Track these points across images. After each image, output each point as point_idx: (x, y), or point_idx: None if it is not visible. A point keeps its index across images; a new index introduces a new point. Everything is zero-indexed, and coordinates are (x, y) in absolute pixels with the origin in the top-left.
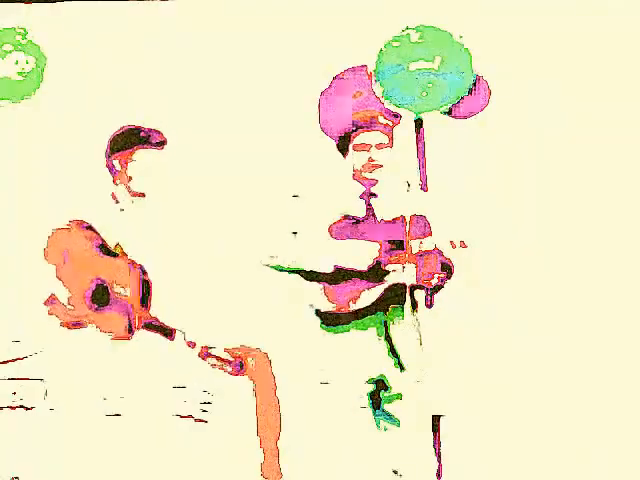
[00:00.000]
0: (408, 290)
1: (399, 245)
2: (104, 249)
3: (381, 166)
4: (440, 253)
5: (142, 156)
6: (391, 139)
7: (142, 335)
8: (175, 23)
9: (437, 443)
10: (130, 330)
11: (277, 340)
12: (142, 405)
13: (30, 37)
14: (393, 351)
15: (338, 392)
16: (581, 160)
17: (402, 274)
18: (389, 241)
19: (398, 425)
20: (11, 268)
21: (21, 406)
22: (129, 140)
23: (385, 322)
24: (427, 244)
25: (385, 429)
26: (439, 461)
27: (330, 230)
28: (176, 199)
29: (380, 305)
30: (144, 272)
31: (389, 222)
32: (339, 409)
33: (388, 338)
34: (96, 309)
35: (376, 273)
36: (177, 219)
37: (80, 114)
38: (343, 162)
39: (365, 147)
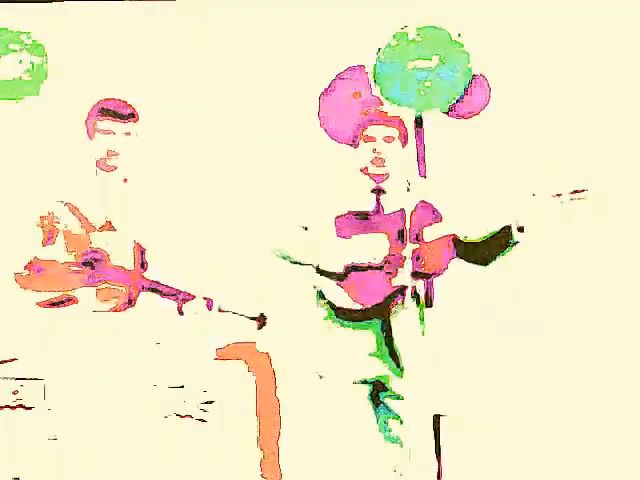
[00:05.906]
0: (411, 284)
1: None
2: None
3: (383, 160)
4: (453, 237)
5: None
6: (402, 133)
7: (142, 334)
8: (175, 23)
9: (437, 443)
10: (130, 300)
11: (278, 338)
12: (142, 405)
13: (33, 37)
14: (393, 354)
15: (338, 392)
16: (581, 160)
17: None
18: (398, 232)
19: (401, 422)
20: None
21: (21, 406)
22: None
23: (385, 323)
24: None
25: (389, 430)
26: (439, 461)
27: (336, 225)
28: (183, 195)
29: (382, 305)
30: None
31: (396, 213)
32: (339, 409)
33: (389, 340)
34: (91, 277)
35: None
36: (184, 215)
37: (82, 113)
38: (353, 157)
39: (372, 140)
